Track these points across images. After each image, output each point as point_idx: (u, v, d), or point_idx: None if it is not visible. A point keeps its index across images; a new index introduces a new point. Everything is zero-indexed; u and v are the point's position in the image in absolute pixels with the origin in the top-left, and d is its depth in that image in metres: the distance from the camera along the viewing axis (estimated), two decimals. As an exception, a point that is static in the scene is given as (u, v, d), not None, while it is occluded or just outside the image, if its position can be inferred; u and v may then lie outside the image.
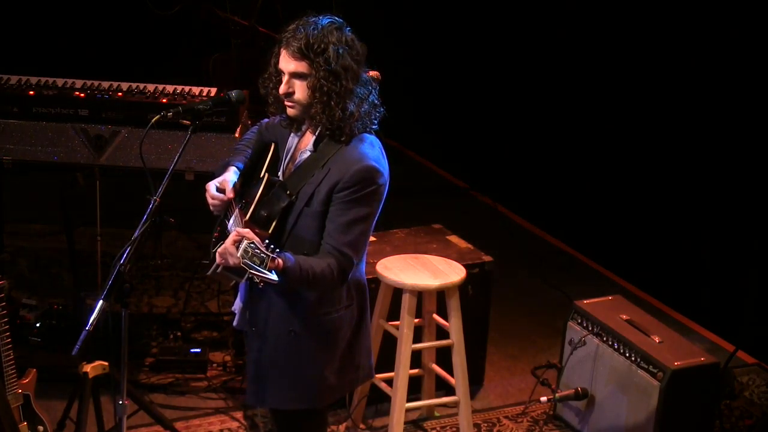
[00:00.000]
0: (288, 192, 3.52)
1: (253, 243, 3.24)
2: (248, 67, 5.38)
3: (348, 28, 3.50)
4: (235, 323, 3.79)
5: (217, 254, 3.37)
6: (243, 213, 3.56)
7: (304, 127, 3.61)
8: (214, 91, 5.14)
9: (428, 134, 8.01)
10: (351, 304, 3.63)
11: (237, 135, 4.97)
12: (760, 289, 5.71)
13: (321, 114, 3.46)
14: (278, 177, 3.62)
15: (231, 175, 3.64)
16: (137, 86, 5.13)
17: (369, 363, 3.78)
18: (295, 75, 3.47)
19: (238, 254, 3.25)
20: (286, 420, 3.76)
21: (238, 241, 3.27)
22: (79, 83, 5.15)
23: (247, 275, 3.32)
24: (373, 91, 3.54)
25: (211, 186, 3.61)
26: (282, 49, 3.48)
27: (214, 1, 5.62)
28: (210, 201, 3.61)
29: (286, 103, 3.52)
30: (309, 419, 3.73)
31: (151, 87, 5.13)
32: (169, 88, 5.14)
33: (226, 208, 3.63)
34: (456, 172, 7.95)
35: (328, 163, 3.49)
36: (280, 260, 3.30)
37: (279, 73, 3.51)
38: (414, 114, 7.61)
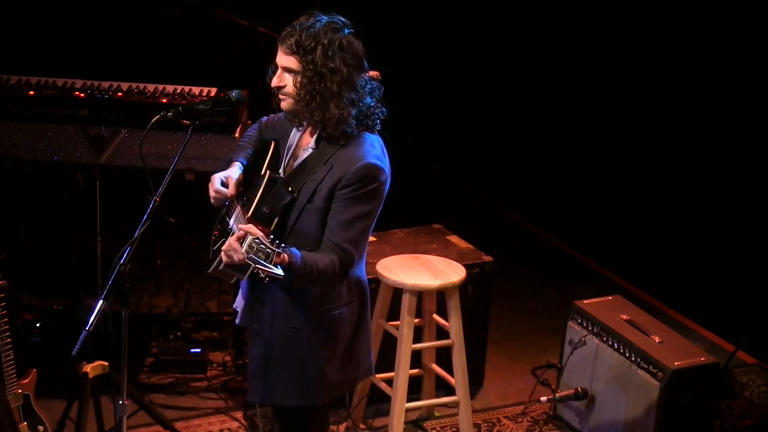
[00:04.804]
0: (290, 189, 3.54)
1: (258, 238, 3.25)
2: (248, 67, 5.37)
3: (348, 30, 3.49)
4: (237, 321, 3.79)
5: (222, 251, 3.37)
6: (245, 210, 3.57)
7: (305, 123, 3.63)
8: (214, 91, 5.14)
9: (428, 134, 8.01)
10: (352, 302, 3.64)
11: (237, 135, 4.97)
12: (760, 289, 5.71)
13: (305, 112, 3.49)
14: (279, 174, 3.63)
15: (236, 171, 3.66)
16: (137, 86, 5.13)
17: (369, 360, 3.79)
18: (286, 69, 3.50)
19: (243, 250, 3.25)
20: (287, 417, 3.77)
21: (242, 237, 3.28)
22: (79, 83, 5.14)
23: (250, 271, 3.32)
24: (375, 91, 3.54)
25: (216, 179, 3.63)
26: (279, 43, 3.52)
27: (214, 1, 5.62)
28: (212, 194, 3.63)
29: (279, 96, 3.55)
30: (310, 416, 3.74)
31: (151, 87, 5.13)
32: (169, 88, 5.13)
33: (227, 204, 3.64)
34: (456, 172, 7.95)
35: (330, 160, 3.50)
36: (285, 255, 3.31)
37: (276, 66, 3.54)
38: (413, 114, 7.61)
